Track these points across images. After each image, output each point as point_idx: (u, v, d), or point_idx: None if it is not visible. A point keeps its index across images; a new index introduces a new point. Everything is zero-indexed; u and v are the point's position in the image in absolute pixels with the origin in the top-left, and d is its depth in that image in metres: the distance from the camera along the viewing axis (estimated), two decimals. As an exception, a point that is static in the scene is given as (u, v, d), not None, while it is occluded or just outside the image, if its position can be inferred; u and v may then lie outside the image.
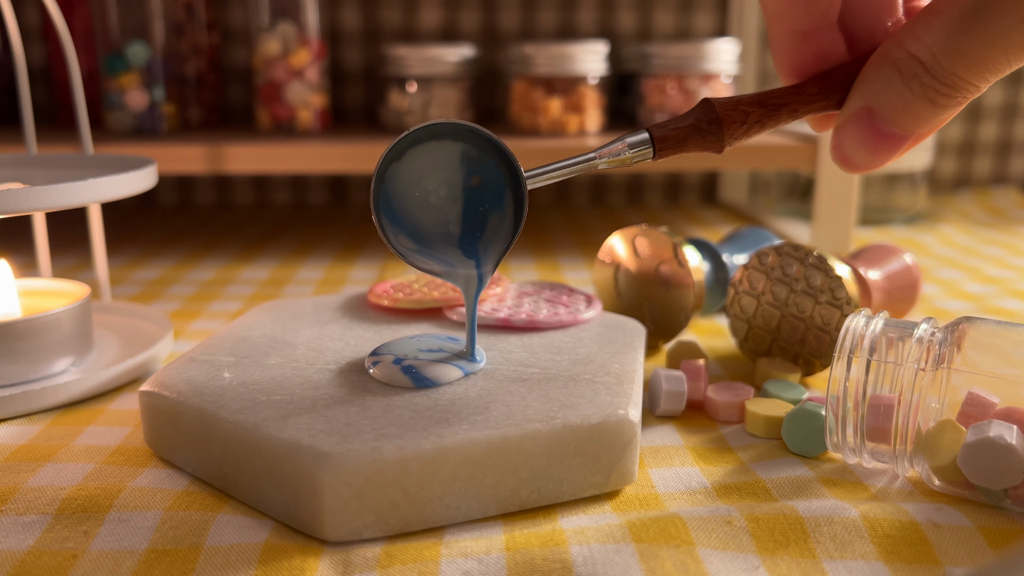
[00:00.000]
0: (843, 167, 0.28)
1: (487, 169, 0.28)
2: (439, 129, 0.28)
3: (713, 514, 0.26)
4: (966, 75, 0.25)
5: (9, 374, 0.36)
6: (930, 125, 0.26)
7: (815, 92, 0.28)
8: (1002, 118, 0.88)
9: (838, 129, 0.28)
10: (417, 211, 0.29)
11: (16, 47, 0.44)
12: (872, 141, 0.27)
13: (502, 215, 0.29)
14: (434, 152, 0.28)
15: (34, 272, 0.54)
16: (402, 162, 0.28)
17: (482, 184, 0.28)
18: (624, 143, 0.28)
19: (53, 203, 0.34)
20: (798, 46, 0.28)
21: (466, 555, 0.24)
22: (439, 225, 0.29)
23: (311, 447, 0.25)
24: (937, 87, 0.25)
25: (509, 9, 0.83)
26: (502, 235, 0.29)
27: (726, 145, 0.28)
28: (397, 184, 0.28)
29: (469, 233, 0.29)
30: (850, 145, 0.27)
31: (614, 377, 0.30)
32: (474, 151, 0.28)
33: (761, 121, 0.28)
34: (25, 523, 0.26)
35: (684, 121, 0.28)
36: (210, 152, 0.60)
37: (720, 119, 0.28)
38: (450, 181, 0.28)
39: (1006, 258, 0.64)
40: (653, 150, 0.28)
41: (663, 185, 0.89)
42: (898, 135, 0.27)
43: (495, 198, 0.29)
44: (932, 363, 0.27)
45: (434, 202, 0.29)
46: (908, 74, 0.25)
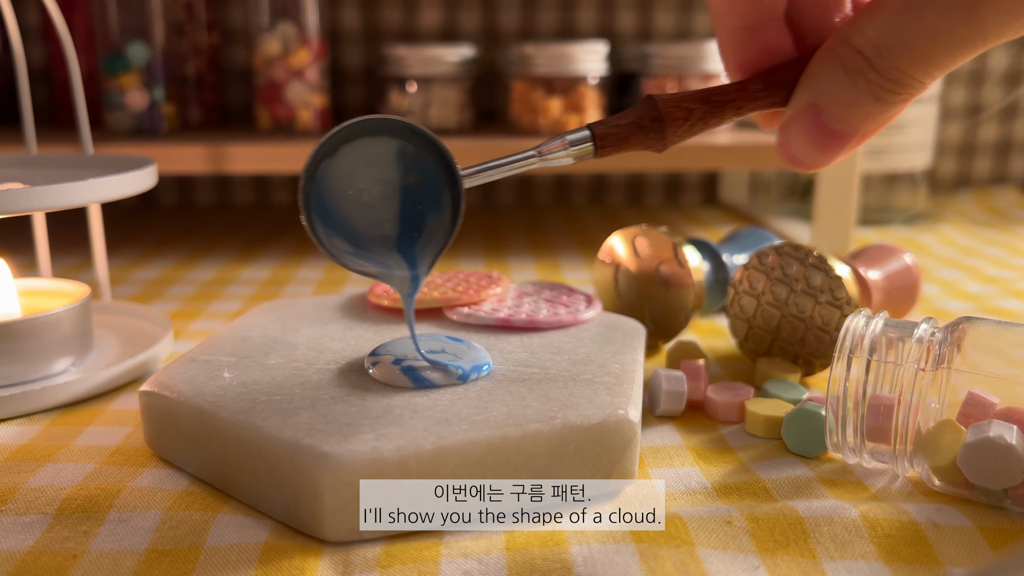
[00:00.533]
0: (790, 165, 0.27)
1: (425, 167, 0.27)
2: (372, 125, 0.27)
3: (713, 514, 0.26)
4: (910, 70, 0.24)
5: (9, 374, 0.36)
6: (876, 122, 0.26)
7: (760, 89, 0.28)
8: (1002, 118, 0.88)
9: (784, 126, 0.27)
10: (352, 211, 0.27)
11: (16, 47, 0.44)
12: (818, 138, 0.26)
13: (440, 215, 0.27)
14: (369, 149, 0.27)
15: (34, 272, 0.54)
16: (335, 159, 0.27)
17: (420, 183, 0.27)
18: (564, 140, 0.27)
19: (53, 203, 0.34)
20: (743, 42, 0.28)
21: (466, 555, 0.24)
22: (375, 226, 0.27)
23: (311, 447, 0.25)
24: (882, 83, 0.25)
25: (509, 9, 0.83)
26: (439, 236, 0.28)
27: (668, 143, 0.27)
28: (330, 182, 0.27)
29: (406, 234, 0.28)
30: (796, 143, 0.27)
31: (614, 377, 0.30)
32: (410, 148, 0.27)
33: (704, 119, 0.27)
34: (25, 523, 0.26)
35: (626, 118, 0.27)
36: (210, 152, 0.60)
37: (662, 116, 0.27)
38: (386, 179, 0.27)
39: (1006, 258, 0.64)
40: (594, 147, 0.27)
41: (663, 185, 0.89)
42: (844, 132, 0.26)
43: (433, 197, 0.27)
44: (932, 363, 0.27)
45: (369, 201, 0.27)
46: (853, 70, 0.25)
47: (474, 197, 0.88)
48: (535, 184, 0.88)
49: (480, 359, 0.31)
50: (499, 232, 0.73)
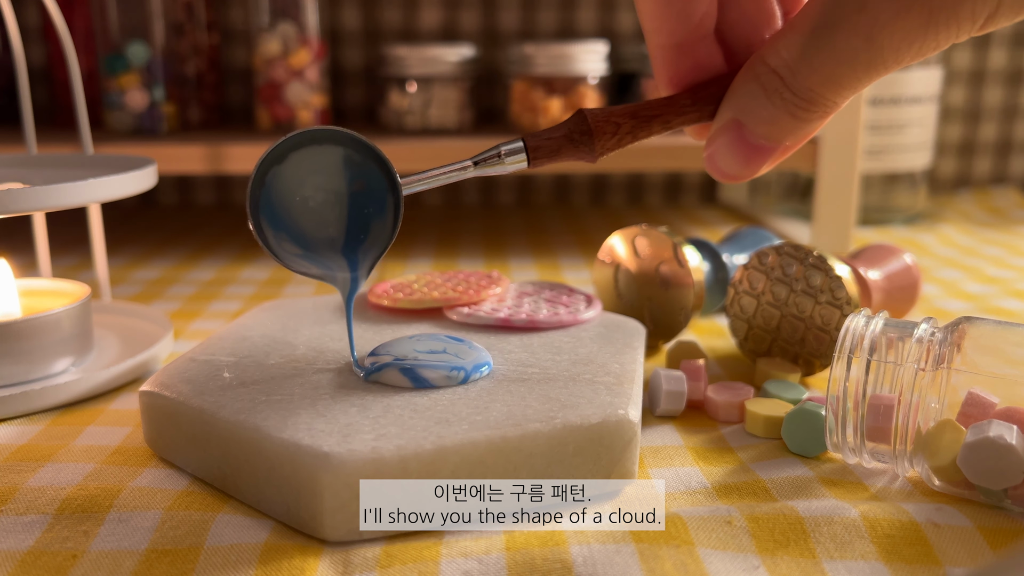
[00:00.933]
0: (717, 177, 0.29)
1: (369, 174, 0.28)
2: (319, 135, 0.28)
3: (713, 514, 0.26)
4: (821, 90, 0.25)
5: (9, 374, 0.36)
6: (796, 137, 0.27)
7: (688, 104, 0.29)
8: (1002, 118, 0.88)
9: (710, 140, 0.28)
10: (300, 215, 0.28)
11: (16, 47, 0.44)
12: (742, 152, 0.27)
13: (383, 220, 0.29)
14: (316, 156, 0.28)
15: (34, 272, 0.54)
16: (284, 165, 0.28)
17: (365, 189, 0.29)
18: (499, 151, 0.28)
19: (53, 203, 0.34)
20: (674, 58, 0.29)
21: (466, 555, 0.24)
22: (321, 229, 0.29)
23: (311, 447, 0.25)
24: (796, 101, 0.26)
25: (509, 9, 0.83)
26: (381, 240, 0.29)
27: (598, 154, 0.29)
28: (279, 187, 0.28)
29: (352, 237, 0.29)
30: (721, 156, 0.28)
31: (614, 377, 0.30)
32: (356, 156, 0.28)
33: (633, 132, 0.28)
34: (25, 523, 0.26)
35: (558, 131, 0.28)
36: (210, 152, 0.60)
37: (592, 130, 0.28)
38: (333, 185, 0.28)
39: (1006, 258, 0.64)
40: (528, 158, 0.28)
41: (663, 185, 0.89)
42: (766, 146, 0.27)
43: (378, 203, 0.29)
44: (932, 363, 0.27)
45: (315, 206, 0.28)
46: (770, 88, 0.26)
47: (474, 197, 0.88)
48: (535, 184, 0.88)
49: (480, 359, 0.31)
50: (499, 232, 0.73)
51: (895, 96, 0.72)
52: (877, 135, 0.72)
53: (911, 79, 0.71)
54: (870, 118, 0.72)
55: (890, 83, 0.71)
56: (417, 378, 0.29)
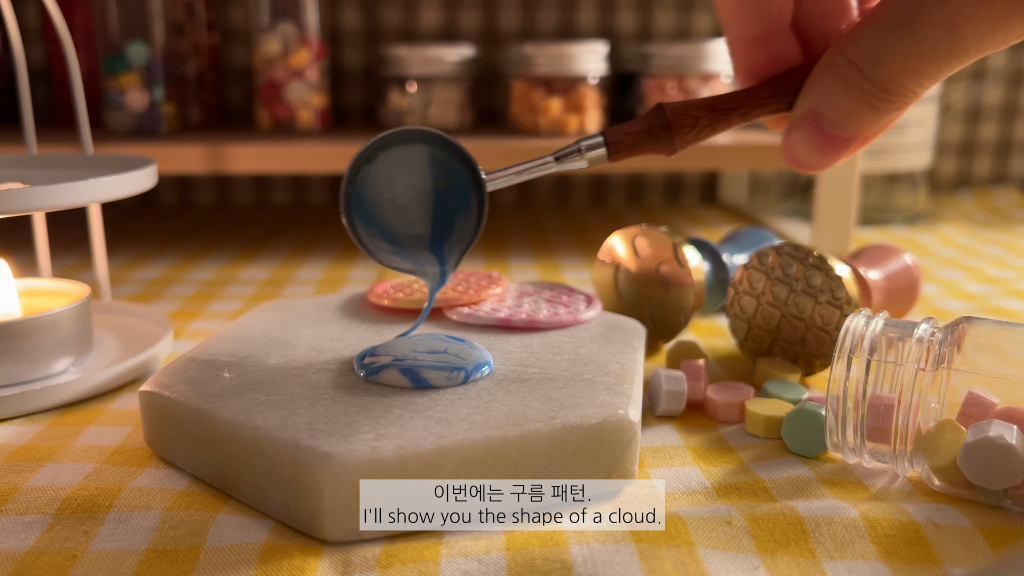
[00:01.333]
0: (795, 167, 0.29)
1: (454, 172, 0.30)
2: (407, 135, 0.29)
3: (713, 514, 0.26)
4: (901, 81, 0.25)
5: (9, 374, 0.36)
6: (874, 128, 0.27)
7: (766, 96, 0.29)
8: (1002, 118, 0.88)
9: (788, 131, 0.29)
10: (389, 212, 0.30)
11: (16, 47, 0.44)
12: (820, 143, 0.28)
13: (467, 216, 0.30)
14: (403, 155, 0.30)
15: (34, 272, 0.54)
16: (373, 165, 0.29)
17: (450, 185, 0.30)
18: (580, 146, 0.29)
19: (53, 203, 0.34)
20: (752, 50, 0.29)
21: (466, 555, 0.24)
22: (408, 225, 0.30)
23: (311, 447, 0.25)
24: (876, 92, 0.26)
25: (509, 9, 0.83)
26: (466, 235, 0.30)
27: (677, 148, 0.29)
28: (369, 186, 0.30)
29: (438, 233, 0.30)
30: (800, 147, 0.28)
31: (614, 377, 0.30)
32: (441, 154, 0.30)
33: (712, 125, 0.29)
34: (25, 523, 0.26)
35: (637, 126, 0.29)
36: (210, 152, 0.60)
37: (671, 124, 0.29)
38: (419, 183, 0.30)
39: (1006, 258, 0.64)
40: (608, 153, 0.29)
41: (663, 185, 0.89)
42: (844, 137, 0.27)
43: (462, 199, 0.30)
44: (932, 363, 0.27)
45: (403, 204, 0.30)
46: (849, 80, 0.26)
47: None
48: (535, 184, 0.88)
49: (481, 359, 0.31)
50: (499, 232, 0.73)
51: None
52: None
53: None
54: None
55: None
56: (417, 378, 0.29)
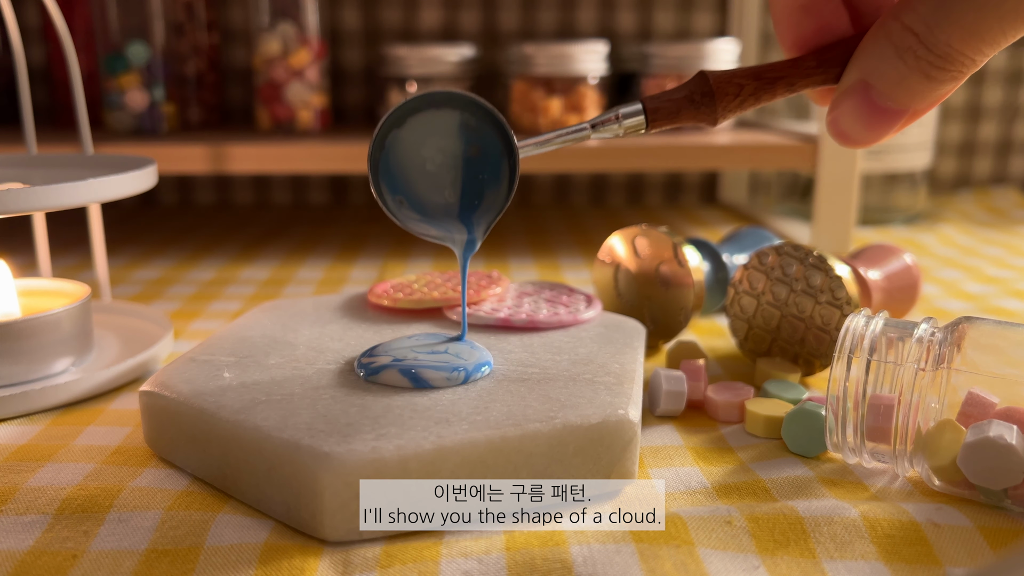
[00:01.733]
0: (840, 142, 0.28)
1: (486, 139, 0.29)
2: (438, 98, 0.28)
3: (713, 514, 0.26)
4: (960, 46, 0.24)
5: (9, 374, 0.36)
6: (927, 100, 0.26)
7: (813, 66, 0.28)
8: (1002, 118, 0.88)
9: (834, 103, 0.27)
10: (417, 178, 0.29)
11: (16, 47, 0.44)
12: (868, 116, 0.26)
13: (498, 184, 0.29)
14: (434, 120, 0.28)
15: (34, 272, 0.54)
16: (402, 130, 0.28)
17: (481, 153, 0.29)
18: (617, 113, 0.28)
19: (53, 203, 0.34)
20: (799, 19, 0.28)
21: (466, 555, 0.24)
22: (438, 192, 0.29)
23: (311, 447, 0.25)
24: (931, 59, 0.24)
25: (509, 9, 0.83)
26: (496, 204, 0.29)
27: (719, 118, 0.28)
28: (397, 151, 0.29)
29: (467, 202, 0.29)
30: (846, 120, 0.27)
31: (614, 377, 0.30)
32: (473, 120, 0.29)
33: (756, 94, 0.28)
34: (25, 523, 0.26)
35: (678, 93, 0.28)
36: (210, 152, 0.60)
37: (713, 92, 0.27)
38: (450, 149, 0.29)
39: (1006, 258, 0.64)
40: (646, 121, 0.28)
41: (663, 185, 0.89)
42: (894, 110, 0.26)
43: (493, 168, 0.29)
44: (932, 363, 0.27)
45: (432, 170, 0.29)
46: (902, 47, 0.25)
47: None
48: (535, 184, 0.88)
49: (481, 359, 0.31)
50: (499, 232, 0.73)
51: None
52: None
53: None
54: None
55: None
56: (417, 379, 0.29)
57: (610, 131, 0.28)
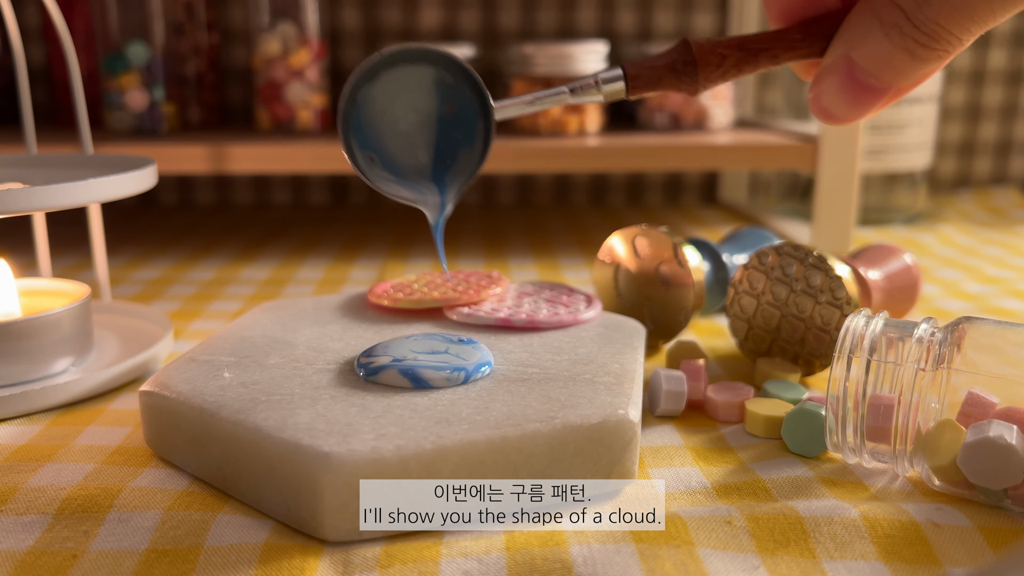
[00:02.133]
0: (822, 118, 0.27)
1: (460, 97, 0.28)
2: (413, 54, 0.28)
3: (713, 514, 0.26)
4: (948, 24, 0.23)
5: (9, 374, 0.36)
6: (910, 78, 0.25)
7: (799, 39, 0.27)
8: (1002, 118, 0.88)
9: (817, 78, 0.27)
10: (389, 135, 0.28)
11: (16, 47, 0.44)
12: (850, 92, 0.26)
13: (472, 145, 0.28)
14: (408, 76, 0.28)
15: (34, 272, 0.54)
16: (375, 85, 0.28)
17: (456, 112, 0.28)
18: (597, 78, 0.28)
19: (53, 203, 0.34)
20: None
21: (466, 555, 0.24)
22: (410, 150, 0.28)
23: (311, 447, 0.25)
24: (917, 36, 0.24)
25: (509, 9, 0.83)
26: (469, 166, 0.29)
27: (700, 87, 0.28)
28: (369, 106, 0.28)
29: (440, 162, 0.29)
30: (828, 96, 0.26)
31: (614, 377, 0.30)
32: (449, 77, 0.28)
33: (739, 66, 0.27)
34: (25, 523, 0.26)
35: (660, 60, 0.27)
36: (210, 152, 0.60)
37: (696, 61, 0.27)
38: (425, 110, 0.28)
39: (1006, 258, 0.64)
40: (626, 86, 0.28)
41: (663, 185, 0.89)
42: (877, 87, 0.26)
43: (467, 127, 0.28)
44: (932, 363, 0.27)
45: (404, 128, 0.28)
46: (888, 23, 0.24)
47: (474, 197, 0.88)
48: (535, 184, 0.88)
49: (482, 359, 0.31)
50: (499, 232, 0.73)
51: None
52: (877, 135, 0.72)
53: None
54: (870, 118, 0.72)
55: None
56: (417, 379, 0.29)
57: (589, 95, 0.28)
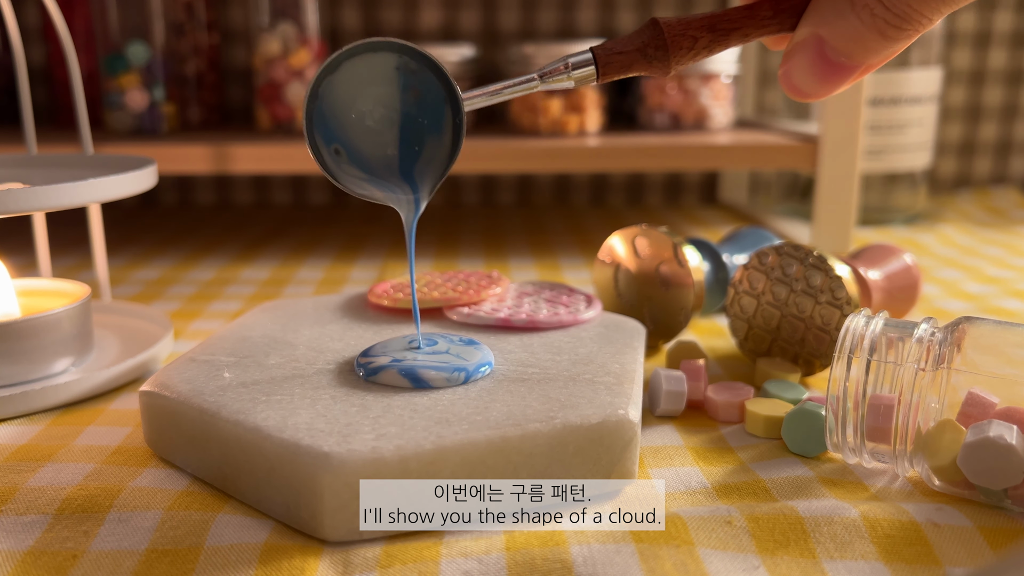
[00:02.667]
0: (791, 95, 0.27)
1: (425, 83, 0.28)
2: (375, 44, 0.27)
3: (713, 514, 0.26)
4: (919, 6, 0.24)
5: (9, 374, 0.36)
6: (879, 56, 0.25)
7: (769, 16, 0.27)
8: (1002, 118, 0.88)
9: (787, 55, 0.27)
10: (352, 127, 0.28)
11: (16, 47, 0.44)
12: (820, 69, 0.26)
13: (440, 136, 0.28)
14: (369, 64, 0.27)
15: (34, 272, 0.54)
16: (336, 75, 0.27)
17: (420, 98, 0.28)
18: (567, 62, 0.27)
19: (53, 203, 0.34)
20: None
21: (466, 555, 0.24)
22: (377, 142, 0.28)
23: (311, 447, 0.25)
24: (888, 17, 0.24)
25: (509, 9, 0.83)
26: (440, 159, 0.28)
27: (672, 70, 0.28)
28: (332, 98, 0.27)
29: (407, 152, 0.28)
30: (798, 73, 0.27)
31: (614, 377, 0.30)
32: (412, 64, 0.27)
33: (710, 47, 0.27)
34: (25, 523, 0.26)
35: (631, 44, 0.27)
36: (210, 152, 0.60)
37: (667, 44, 0.27)
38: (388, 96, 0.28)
39: (1006, 258, 0.64)
40: (597, 72, 0.27)
41: (663, 185, 0.89)
42: (846, 65, 0.26)
43: (433, 113, 0.28)
44: (932, 363, 0.27)
45: (368, 119, 0.28)
46: (859, 3, 0.25)
47: (474, 197, 0.88)
48: (535, 184, 0.88)
49: (483, 359, 0.31)
50: (499, 232, 0.73)
51: (895, 96, 0.72)
52: (877, 135, 0.72)
53: (911, 79, 0.71)
54: (870, 118, 0.72)
55: (890, 83, 0.71)
56: (417, 379, 0.29)
57: (560, 83, 0.28)
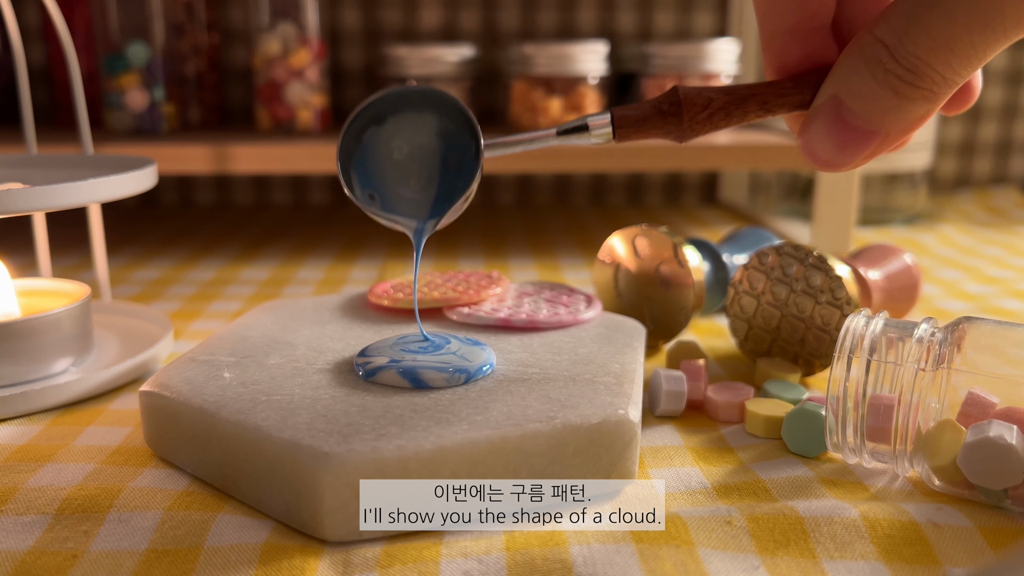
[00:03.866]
0: (812, 163, 0.27)
1: (462, 145, 0.29)
2: (414, 96, 0.29)
3: (713, 514, 0.26)
4: (929, 58, 0.23)
5: (9, 374, 0.36)
6: (898, 120, 0.25)
7: (789, 86, 0.27)
8: (1002, 118, 0.88)
9: (806, 121, 0.27)
10: (391, 177, 0.29)
11: (16, 47, 0.44)
12: (839, 134, 0.26)
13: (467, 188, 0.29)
14: (414, 122, 0.29)
15: (34, 272, 0.54)
16: (383, 128, 0.29)
17: (459, 162, 0.29)
18: (586, 123, 0.28)
19: (53, 203, 0.34)
20: (786, 45, 0.27)
21: (466, 555, 0.24)
22: (413, 201, 0.30)
23: (311, 447, 0.25)
24: (900, 72, 0.24)
25: (509, 9, 0.83)
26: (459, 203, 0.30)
27: (687, 130, 0.27)
28: (375, 150, 0.29)
29: (437, 207, 0.30)
30: (817, 139, 0.26)
31: (614, 377, 0.30)
32: (451, 125, 0.29)
33: (726, 109, 0.27)
34: (25, 523, 0.26)
35: (648, 103, 0.28)
36: (210, 152, 0.60)
37: (681, 103, 0.27)
38: (431, 163, 0.29)
39: (1006, 258, 0.64)
40: (613, 131, 0.28)
41: (663, 185, 0.89)
42: (865, 129, 0.25)
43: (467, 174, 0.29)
44: (932, 363, 0.27)
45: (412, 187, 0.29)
46: (872, 60, 0.24)
47: (474, 197, 0.88)
48: (535, 184, 0.88)
49: (484, 359, 0.31)
50: (499, 232, 0.73)
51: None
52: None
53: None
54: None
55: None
56: (416, 379, 0.29)
57: (578, 138, 0.28)
